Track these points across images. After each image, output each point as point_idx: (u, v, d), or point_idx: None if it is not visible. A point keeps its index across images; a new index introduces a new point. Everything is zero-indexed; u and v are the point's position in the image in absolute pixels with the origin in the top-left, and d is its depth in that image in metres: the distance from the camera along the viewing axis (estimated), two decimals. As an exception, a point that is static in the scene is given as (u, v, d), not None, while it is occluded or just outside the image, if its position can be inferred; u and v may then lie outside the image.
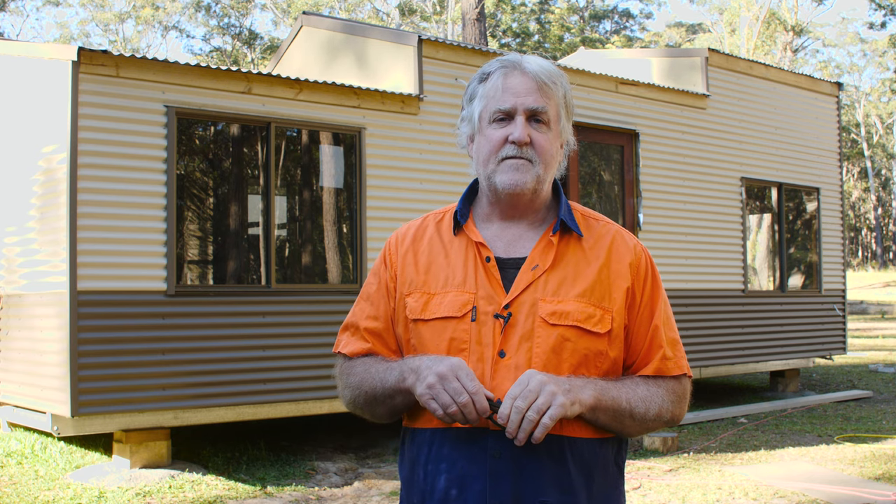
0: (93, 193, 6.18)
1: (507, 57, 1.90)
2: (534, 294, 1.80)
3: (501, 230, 1.89)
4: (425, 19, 37.64)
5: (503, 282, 1.82)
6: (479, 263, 1.84)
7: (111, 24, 43.51)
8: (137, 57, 6.41)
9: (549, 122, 1.86)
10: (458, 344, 1.80)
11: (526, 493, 1.74)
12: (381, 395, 1.84)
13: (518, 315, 1.79)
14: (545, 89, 1.86)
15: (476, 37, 19.92)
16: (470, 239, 1.87)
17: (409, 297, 1.87)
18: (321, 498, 6.02)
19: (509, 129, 1.84)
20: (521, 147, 1.82)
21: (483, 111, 1.87)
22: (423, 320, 1.84)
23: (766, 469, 6.85)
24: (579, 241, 1.88)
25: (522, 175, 1.82)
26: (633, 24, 54.01)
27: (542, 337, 1.78)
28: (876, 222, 56.43)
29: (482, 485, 1.74)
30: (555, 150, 1.89)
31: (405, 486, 1.90)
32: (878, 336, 20.46)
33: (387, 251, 1.96)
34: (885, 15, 45.10)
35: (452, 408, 1.68)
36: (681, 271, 9.59)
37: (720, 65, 10.33)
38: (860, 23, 67.69)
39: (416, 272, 1.89)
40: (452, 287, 1.84)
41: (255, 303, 6.85)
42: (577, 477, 1.77)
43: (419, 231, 1.95)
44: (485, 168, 1.87)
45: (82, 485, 6.11)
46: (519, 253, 1.86)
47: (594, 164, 9.57)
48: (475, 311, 1.80)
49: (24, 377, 6.84)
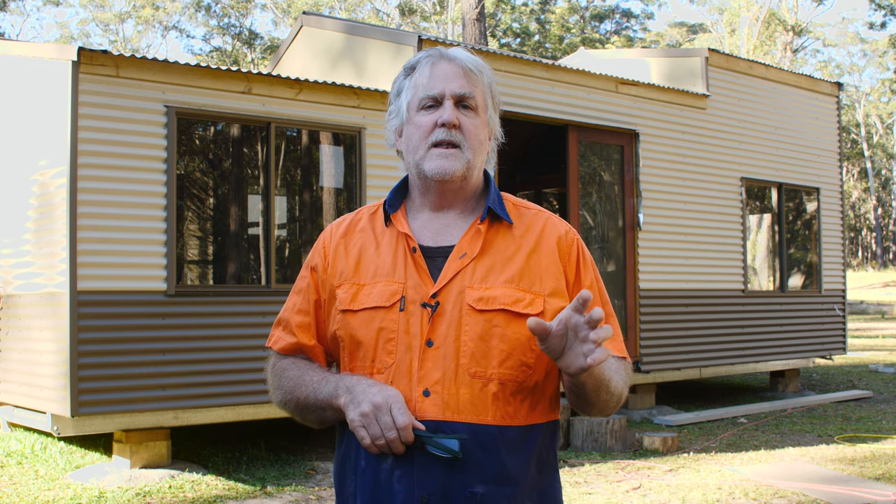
0: (93, 193, 6.18)
1: (432, 49, 1.93)
2: (462, 282, 1.79)
3: (430, 220, 1.89)
4: (425, 19, 37.65)
5: (431, 271, 1.81)
6: (407, 254, 1.84)
7: (111, 24, 43.52)
8: (137, 57, 6.41)
9: (476, 107, 1.87)
10: (387, 334, 1.79)
11: (455, 484, 1.72)
12: (313, 405, 1.85)
13: (445, 304, 1.78)
14: (471, 76, 1.87)
15: (476, 37, 19.92)
16: (398, 230, 1.88)
17: (339, 288, 1.87)
18: (321, 498, 6.02)
19: (438, 112, 1.84)
20: (450, 129, 1.83)
21: (411, 100, 1.89)
22: (351, 311, 1.83)
23: (766, 469, 6.85)
24: (509, 229, 1.87)
25: (451, 162, 1.83)
26: (633, 24, 54.03)
27: (470, 325, 1.77)
28: (876, 222, 56.42)
29: (410, 476, 1.73)
30: (483, 136, 1.89)
31: (336, 478, 1.89)
32: (878, 336, 20.46)
33: (321, 243, 1.97)
34: (885, 15, 45.10)
35: (380, 441, 1.71)
36: (681, 271, 9.59)
37: (720, 65, 10.33)
38: (860, 23, 67.64)
39: (347, 263, 1.89)
40: (381, 277, 1.83)
41: (255, 303, 6.85)
42: (509, 466, 1.76)
43: (352, 223, 1.96)
44: (414, 156, 1.88)
45: (82, 485, 6.11)
46: (447, 242, 1.86)
47: (594, 164, 9.57)
48: (403, 300, 1.79)
49: (24, 377, 6.84)
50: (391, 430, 1.69)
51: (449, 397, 1.75)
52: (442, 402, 1.75)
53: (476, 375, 1.76)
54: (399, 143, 1.95)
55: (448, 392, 1.75)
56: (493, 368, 1.77)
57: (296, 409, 1.90)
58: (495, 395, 1.77)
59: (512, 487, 1.76)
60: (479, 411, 1.76)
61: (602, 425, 7.65)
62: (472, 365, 1.76)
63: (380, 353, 1.80)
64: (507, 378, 1.78)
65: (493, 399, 1.77)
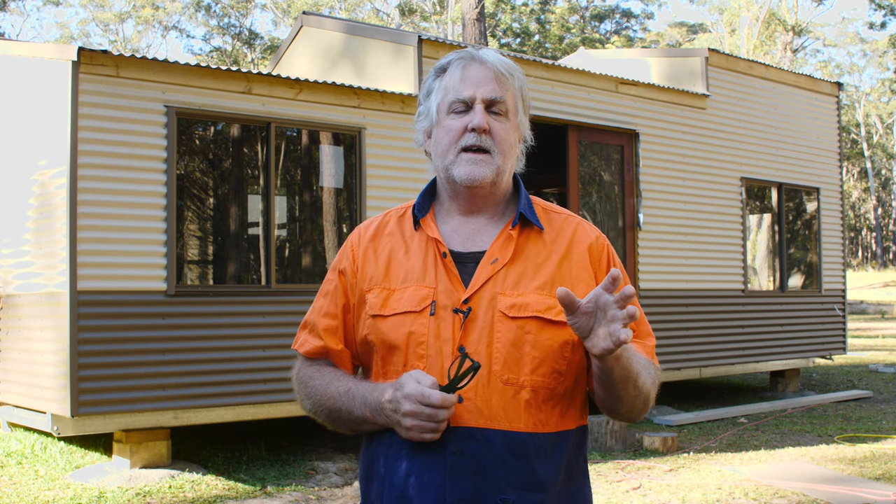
0: (93, 193, 6.18)
1: (463, 51, 1.90)
2: (493, 288, 1.78)
3: (460, 225, 1.88)
4: (425, 19, 37.65)
5: (462, 276, 1.80)
6: (437, 259, 1.83)
7: (111, 24, 43.52)
8: (137, 57, 6.41)
9: (506, 112, 1.85)
10: (417, 338, 1.78)
11: (486, 491, 1.71)
12: (347, 419, 1.84)
13: (478, 310, 1.77)
14: (502, 80, 1.85)
15: (476, 37, 19.92)
16: (428, 235, 1.86)
17: (369, 293, 1.85)
18: (321, 498, 6.02)
19: (468, 117, 1.82)
20: (480, 134, 1.81)
21: (441, 103, 1.86)
22: (382, 316, 1.82)
23: (766, 469, 6.85)
24: (540, 235, 1.86)
25: (481, 168, 1.81)
26: (633, 24, 54.03)
27: (502, 331, 1.76)
28: (876, 222, 56.42)
29: (441, 482, 1.72)
30: (513, 140, 1.87)
31: (363, 482, 1.87)
32: (878, 336, 20.46)
33: (349, 246, 1.94)
34: (885, 15, 45.11)
35: (443, 426, 1.70)
36: (681, 271, 9.59)
37: (720, 65, 10.33)
38: (860, 23, 67.71)
39: (377, 268, 1.87)
40: (411, 282, 1.82)
41: (255, 303, 6.85)
42: (540, 473, 1.75)
43: (381, 227, 1.93)
44: (443, 160, 1.85)
45: (82, 485, 6.11)
46: (478, 247, 1.84)
47: (594, 164, 9.56)
48: (434, 305, 1.78)
49: (24, 377, 6.84)
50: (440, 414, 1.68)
51: (482, 403, 1.74)
52: (475, 408, 1.74)
53: (508, 382, 1.75)
54: (428, 145, 1.93)
55: (481, 399, 1.74)
56: (525, 375, 1.76)
57: (328, 419, 1.89)
58: (527, 402, 1.76)
59: (542, 494, 1.75)
60: (512, 418, 1.75)
61: (602, 425, 7.65)
62: (504, 372, 1.75)
63: (410, 358, 1.78)
64: (540, 385, 1.77)
65: (526, 406, 1.76)
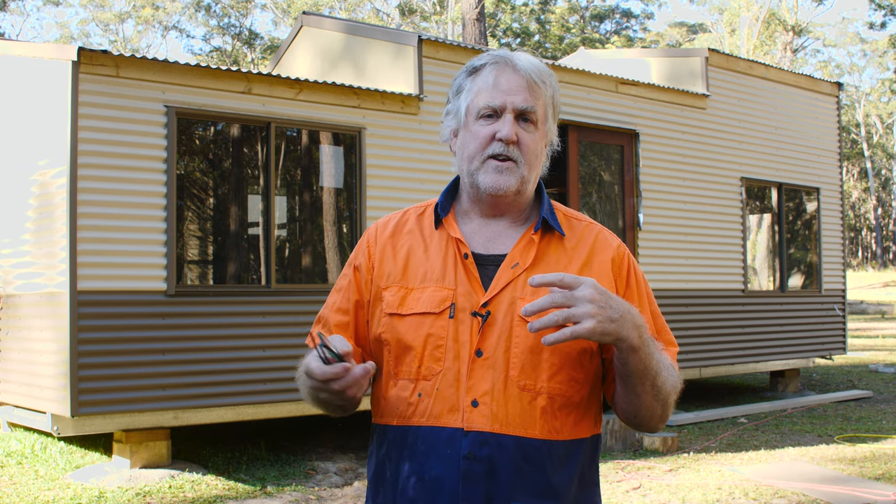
0: (93, 193, 6.18)
1: (498, 52, 1.87)
2: (513, 293, 1.76)
3: (481, 227, 1.86)
4: (425, 19, 37.64)
5: (482, 279, 1.78)
6: (458, 260, 1.81)
7: (111, 24, 43.52)
8: (137, 57, 6.41)
9: (536, 121, 1.82)
10: (435, 340, 1.76)
11: (498, 497, 1.70)
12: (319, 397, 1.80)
13: (496, 314, 1.75)
14: (535, 89, 1.81)
15: (476, 37, 19.92)
16: (449, 234, 1.84)
17: (387, 290, 1.83)
18: (321, 498, 6.02)
19: (497, 126, 1.80)
20: (507, 145, 1.79)
21: (471, 106, 1.84)
22: (399, 315, 1.80)
23: (766, 469, 6.85)
24: (561, 241, 1.85)
25: (506, 178, 1.79)
26: (633, 24, 54.03)
27: (521, 337, 1.74)
28: (876, 222, 56.42)
29: (454, 487, 1.70)
30: (540, 149, 1.85)
31: (372, 484, 1.86)
32: (878, 336, 20.46)
33: (365, 241, 1.92)
34: (885, 15, 45.11)
35: (351, 392, 1.67)
36: (681, 271, 9.59)
37: (720, 65, 10.33)
38: (860, 23, 67.70)
39: (395, 265, 1.85)
40: (431, 282, 1.80)
41: (255, 303, 6.85)
42: (553, 481, 1.74)
43: (399, 224, 1.91)
44: (469, 165, 1.84)
45: (82, 485, 6.11)
46: (498, 250, 1.83)
47: (594, 164, 9.56)
48: (453, 307, 1.76)
49: (24, 377, 6.84)
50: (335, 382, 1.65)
51: (497, 409, 1.73)
52: (490, 413, 1.73)
53: (525, 388, 1.74)
54: (453, 143, 1.92)
55: (497, 404, 1.73)
56: (542, 382, 1.75)
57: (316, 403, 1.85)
58: (543, 409, 1.74)
59: (555, 502, 1.74)
60: (528, 425, 1.73)
61: (602, 425, 7.65)
62: (521, 378, 1.74)
63: (427, 360, 1.77)
64: (556, 392, 1.75)
65: (542, 413, 1.74)
